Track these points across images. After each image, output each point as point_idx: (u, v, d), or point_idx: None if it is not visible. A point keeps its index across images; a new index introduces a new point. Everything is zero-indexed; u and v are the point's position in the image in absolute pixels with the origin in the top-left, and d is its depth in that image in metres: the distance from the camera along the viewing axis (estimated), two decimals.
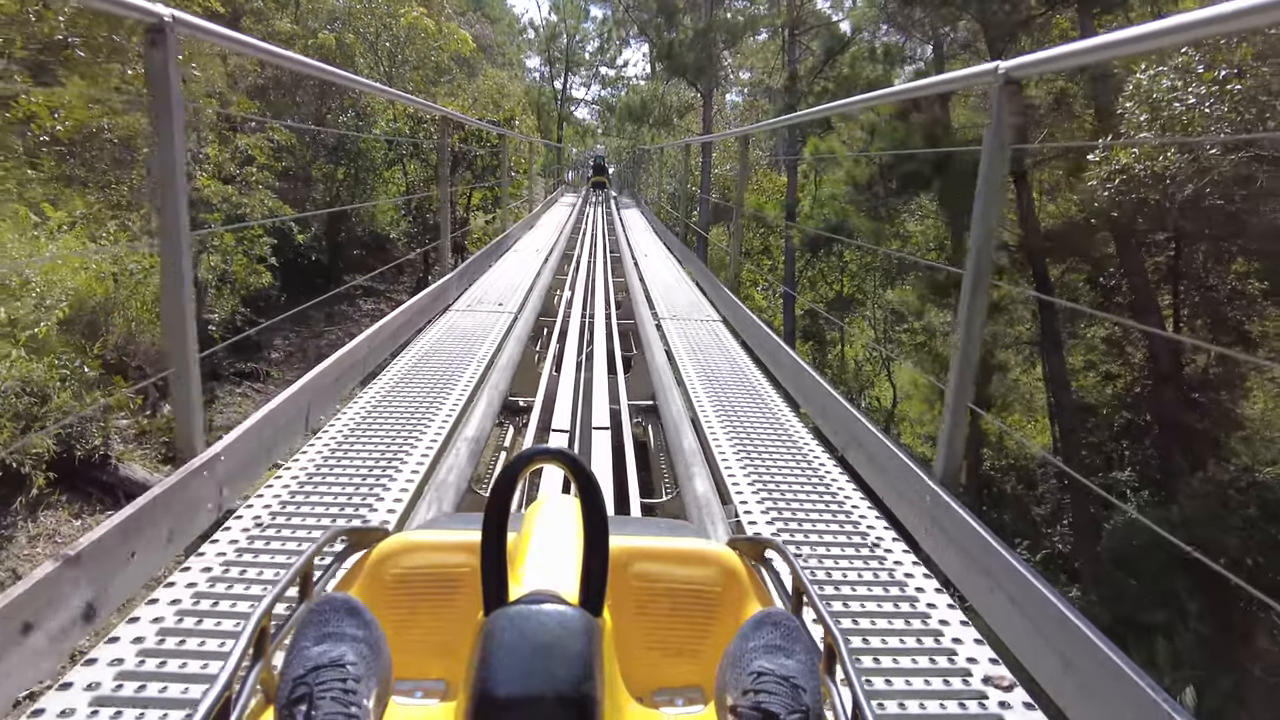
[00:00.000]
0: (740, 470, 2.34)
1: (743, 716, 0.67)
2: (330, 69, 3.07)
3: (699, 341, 3.98)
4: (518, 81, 25.25)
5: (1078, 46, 1.57)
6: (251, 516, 1.87)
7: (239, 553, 1.71)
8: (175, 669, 1.32)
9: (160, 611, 1.47)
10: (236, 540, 1.76)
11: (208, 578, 1.59)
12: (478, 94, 16.40)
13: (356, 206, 11.61)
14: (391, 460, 2.23)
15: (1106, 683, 1.27)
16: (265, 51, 2.34)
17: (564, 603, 0.69)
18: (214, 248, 9.58)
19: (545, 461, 0.78)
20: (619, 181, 26.10)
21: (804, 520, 2.04)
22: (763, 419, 2.82)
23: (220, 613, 1.48)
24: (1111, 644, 1.30)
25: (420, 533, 1.03)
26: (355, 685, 0.66)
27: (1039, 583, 1.48)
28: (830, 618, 0.75)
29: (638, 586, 0.96)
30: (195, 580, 1.58)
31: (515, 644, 0.65)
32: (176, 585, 1.56)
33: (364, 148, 14.16)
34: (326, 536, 0.88)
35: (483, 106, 15.34)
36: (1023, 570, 1.52)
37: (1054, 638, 1.41)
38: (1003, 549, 1.59)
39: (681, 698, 0.93)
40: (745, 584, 0.97)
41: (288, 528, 1.83)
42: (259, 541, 1.76)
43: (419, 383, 2.98)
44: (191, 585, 1.57)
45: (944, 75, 3.82)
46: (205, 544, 1.73)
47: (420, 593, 0.96)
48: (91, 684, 1.26)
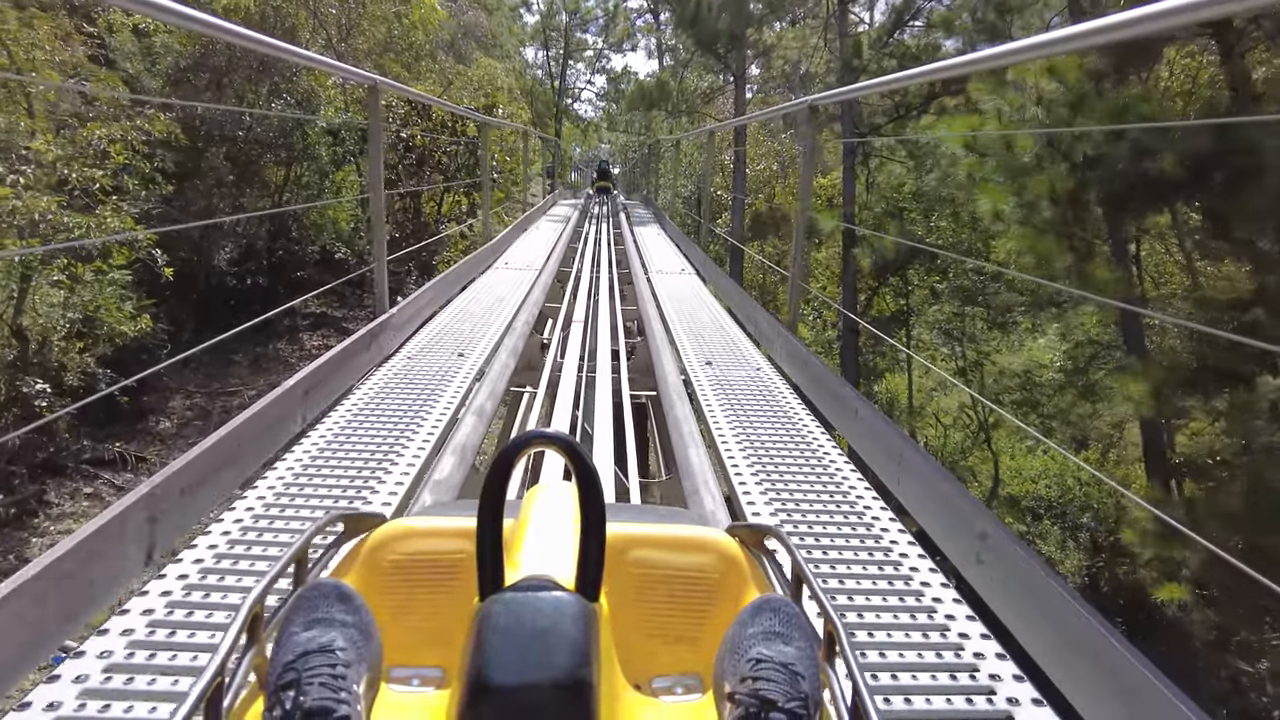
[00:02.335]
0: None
1: (741, 703, 0.68)
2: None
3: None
4: (514, 74, 22.22)
5: None
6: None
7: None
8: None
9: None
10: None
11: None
12: (461, 79, 13.28)
13: (254, 215, 8.56)
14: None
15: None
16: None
17: (560, 588, 0.72)
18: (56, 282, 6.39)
19: (542, 446, 0.80)
20: (626, 184, 25.69)
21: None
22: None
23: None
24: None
25: (417, 519, 1.05)
26: (344, 671, 0.68)
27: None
28: (831, 606, 0.76)
29: (636, 573, 0.98)
30: (187, 570, 1.61)
31: (511, 629, 0.67)
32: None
33: (311, 142, 11.01)
34: (322, 522, 0.91)
35: (469, 97, 12.34)
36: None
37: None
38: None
39: (680, 685, 0.94)
40: (744, 571, 0.99)
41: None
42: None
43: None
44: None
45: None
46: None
47: (417, 579, 0.97)
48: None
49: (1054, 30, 2.53)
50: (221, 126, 10.29)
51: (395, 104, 10.48)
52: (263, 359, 10.94)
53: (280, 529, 1.80)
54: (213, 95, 10.38)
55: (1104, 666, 1.33)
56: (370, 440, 2.30)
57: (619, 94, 29.32)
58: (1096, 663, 1.34)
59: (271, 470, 2.07)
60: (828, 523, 1.97)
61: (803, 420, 2.66)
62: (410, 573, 0.97)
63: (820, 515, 2.00)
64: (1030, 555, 1.61)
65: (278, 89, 10.95)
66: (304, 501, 1.93)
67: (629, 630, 0.92)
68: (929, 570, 1.77)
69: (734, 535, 1.05)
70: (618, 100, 30.39)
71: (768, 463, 2.30)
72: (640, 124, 29.86)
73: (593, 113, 33.90)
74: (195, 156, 9.62)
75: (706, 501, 2.08)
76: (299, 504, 1.91)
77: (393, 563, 0.97)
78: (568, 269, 6.45)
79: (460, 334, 3.61)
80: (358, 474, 2.09)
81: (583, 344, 4.02)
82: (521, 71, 26.79)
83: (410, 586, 0.97)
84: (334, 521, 0.95)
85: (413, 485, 2.09)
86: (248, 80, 10.97)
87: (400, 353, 3.24)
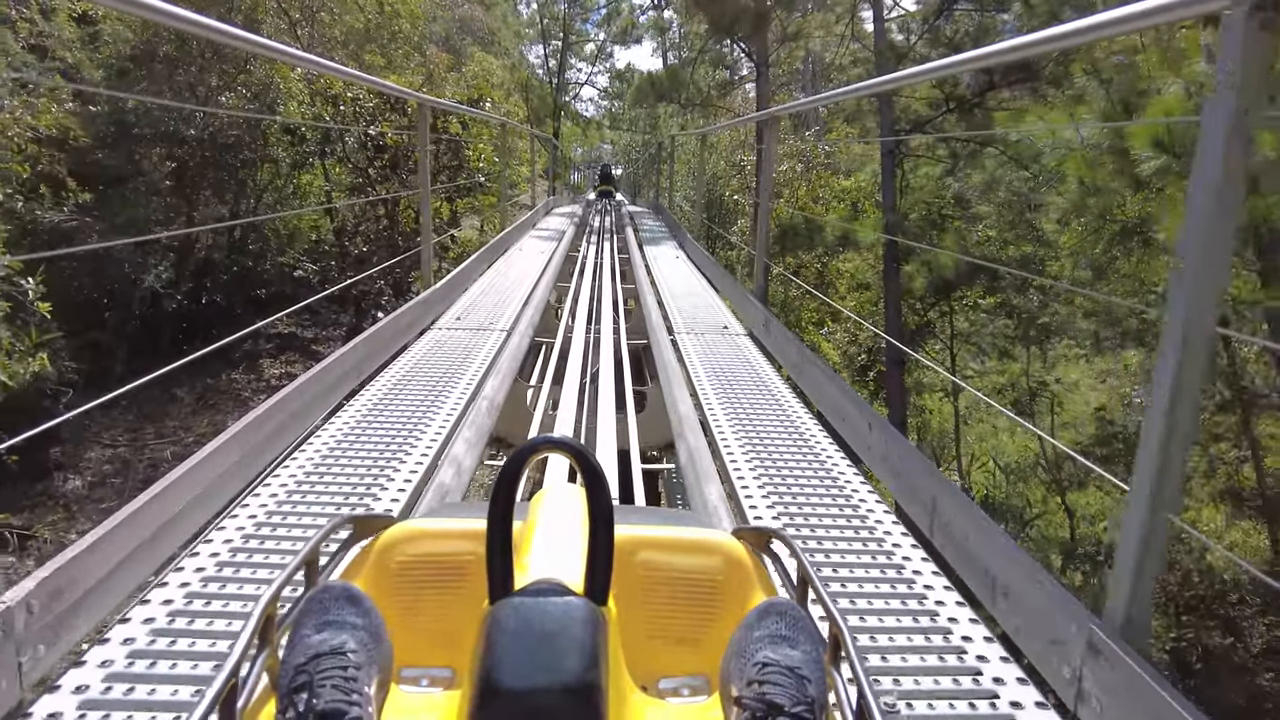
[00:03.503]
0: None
1: (748, 707, 0.70)
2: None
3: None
4: (509, 70, 20.66)
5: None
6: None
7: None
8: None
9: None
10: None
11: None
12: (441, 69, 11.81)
13: (199, 229, 7.30)
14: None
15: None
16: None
17: (569, 593, 0.74)
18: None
19: (551, 451, 0.82)
20: (630, 186, 25.44)
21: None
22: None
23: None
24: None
25: (425, 520, 1.10)
26: (356, 673, 0.70)
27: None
28: (836, 610, 0.79)
29: (641, 575, 1.01)
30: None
31: (521, 634, 0.69)
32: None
33: (269, 141, 9.64)
34: (332, 524, 0.94)
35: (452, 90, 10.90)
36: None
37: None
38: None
39: (686, 687, 0.97)
40: (749, 574, 1.03)
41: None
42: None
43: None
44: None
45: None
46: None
47: (426, 581, 1.01)
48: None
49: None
50: (162, 124, 8.78)
51: (363, 96, 8.97)
52: (211, 394, 9.42)
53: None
54: (160, 90, 8.92)
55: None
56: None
57: (624, 85, 27.45)
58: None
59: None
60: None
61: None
62: (419, 574, 1.00)
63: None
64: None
65: (231, 80, 9.46)
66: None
67: (635, 631, 0.94)
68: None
69: (739, 537, 1.08)
70: (621, 96, 28.52)
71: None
72: (645, 122, 28.12)
73: (594, 111, 32.10)
74: (124, 159, 8.11)
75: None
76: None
77: (401, 564, 1.01)
78: (548, 336, 4.71)
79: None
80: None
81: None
82: (518, 64, 25.03)
83: (419, 588, 1.00)
84: (344, 523, 0.98)
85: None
86: (202, 72, 9.52)
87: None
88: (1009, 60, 4.68)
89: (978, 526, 1.77)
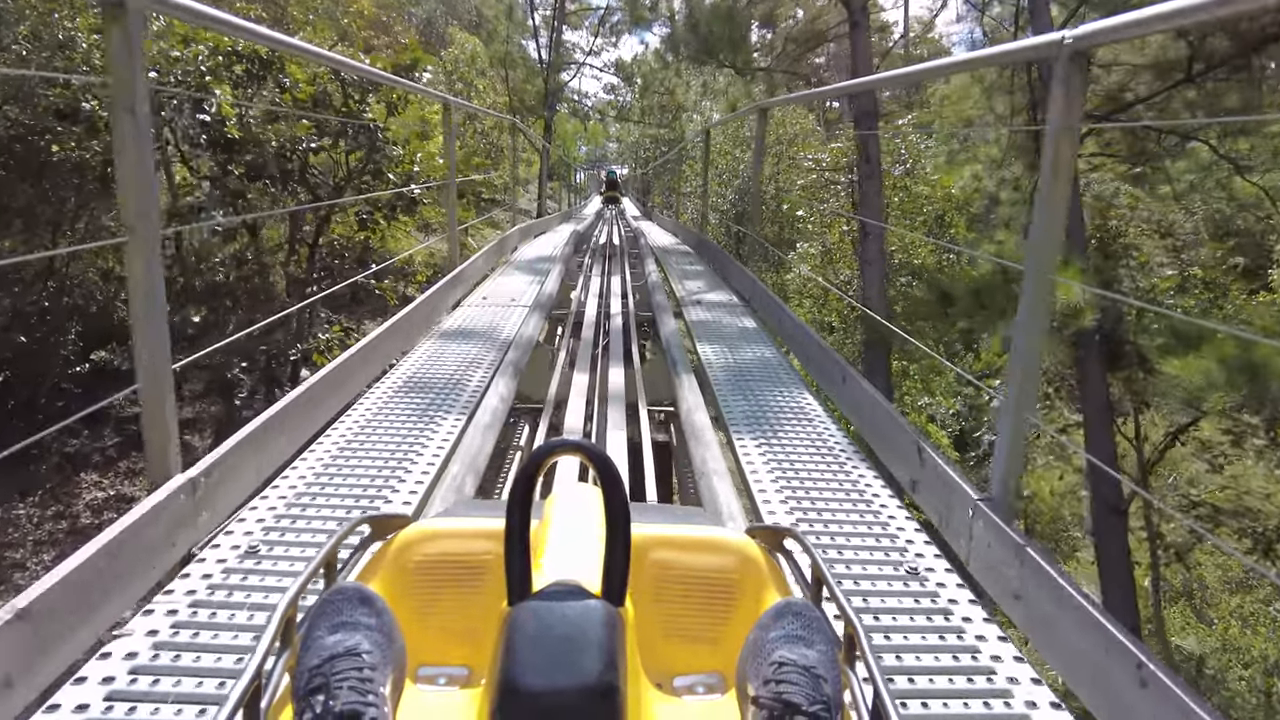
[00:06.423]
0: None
1: (764, 706, 0.75)
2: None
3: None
4: (492, 55, 17.80)
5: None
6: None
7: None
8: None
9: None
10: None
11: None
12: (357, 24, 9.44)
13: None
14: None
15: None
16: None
17: (588, 595, 0.80)
18: None
19: (568, 454, 0.87)
20: (639, 193, 24.99)
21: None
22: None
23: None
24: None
25: (441, 520, 1.16)
26: (371, 674, 0.74)
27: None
28: (851, 609, 0.85)
29: (656, 574, 1.08)
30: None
31: (540, 636, 0.74)
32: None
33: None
34: (349, 526, 1.01)
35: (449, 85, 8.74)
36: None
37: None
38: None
39: (701, 684, 1.02)
40: (764, 573, 1.09)
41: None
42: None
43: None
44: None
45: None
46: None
47: (442, 580, 1.07)
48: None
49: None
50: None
51: (202, 57, 5.87)
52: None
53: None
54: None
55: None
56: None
57: (634, 69, 23.48)
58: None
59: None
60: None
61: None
62: (436, 573, 1.06)
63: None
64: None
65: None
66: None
67: (650, 629, 1.00)
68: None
69: (753, 536, 1.16)
70: (631, 79, 24.61)
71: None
72: (656, 117, 24.59)
73: (601, 94, 27.19)
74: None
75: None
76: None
77: (418, 564, 1.06)
78: None
79: None
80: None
81: None
82: (504, 44, 20.05)
83: (436, 587, 1.05)
84: (361, 524, 1.05)
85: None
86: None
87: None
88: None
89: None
